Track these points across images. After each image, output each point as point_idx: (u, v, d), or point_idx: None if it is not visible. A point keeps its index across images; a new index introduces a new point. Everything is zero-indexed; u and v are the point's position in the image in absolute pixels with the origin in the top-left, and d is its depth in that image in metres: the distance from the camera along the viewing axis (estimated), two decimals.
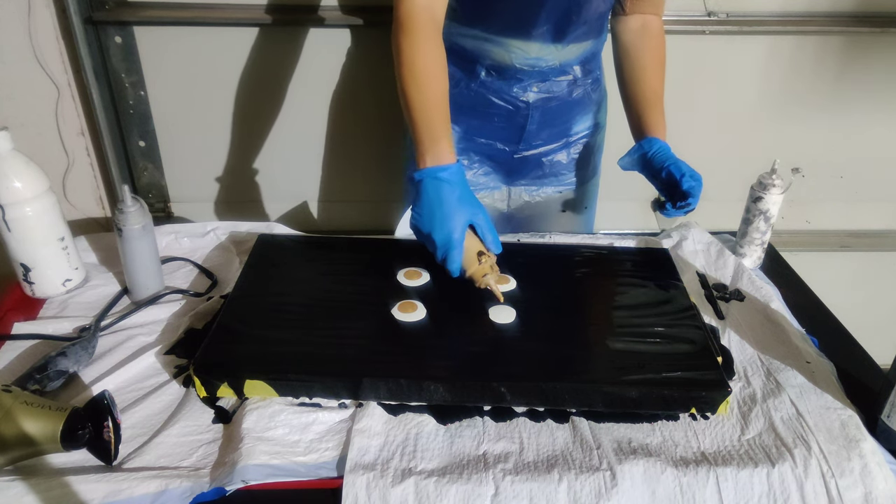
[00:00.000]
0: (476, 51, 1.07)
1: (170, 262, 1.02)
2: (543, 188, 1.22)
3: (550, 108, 1.13)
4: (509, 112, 1.12)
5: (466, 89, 1.11)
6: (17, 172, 0.86)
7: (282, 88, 1.48)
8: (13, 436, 0.65)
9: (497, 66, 1.07)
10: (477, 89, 1.10)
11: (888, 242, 1.78)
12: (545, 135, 1.16)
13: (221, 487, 0.67)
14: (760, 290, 1.00)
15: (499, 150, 1.17)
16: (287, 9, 1.39)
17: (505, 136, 1.16)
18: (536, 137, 1.16)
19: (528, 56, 1.05)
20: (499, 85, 1.10)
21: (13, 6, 1.33)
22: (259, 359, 0.78)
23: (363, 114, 1.53)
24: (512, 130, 1.14)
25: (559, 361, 0.79)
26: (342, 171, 1.61)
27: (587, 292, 0.95)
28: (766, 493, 0.69)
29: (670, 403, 0.77)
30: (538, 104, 1.11)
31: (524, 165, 1.19)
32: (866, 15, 1.45)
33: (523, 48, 1.05)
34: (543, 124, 1.14)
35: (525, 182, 1.22)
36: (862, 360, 0.92)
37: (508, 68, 1.07)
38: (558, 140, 1.18)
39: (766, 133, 1.60)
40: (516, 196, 1.24)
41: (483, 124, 1.14)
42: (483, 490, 0.67)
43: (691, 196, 0.96)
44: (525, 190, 1.23)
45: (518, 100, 1.10)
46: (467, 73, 1.10)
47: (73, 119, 1.48)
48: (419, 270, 0.94)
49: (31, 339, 0.86)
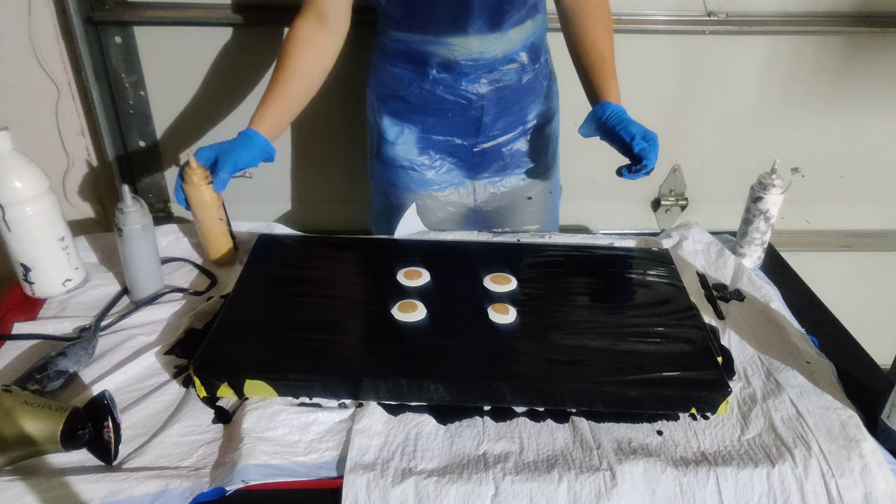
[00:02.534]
0: (422, 52, 1.08)
1: (170, 262, 1.02)
2: (507, 178, 1.23)
3: (503, 98, 1.13)
4: (462, 106, 1.13)
5: (419, 89, 1.12)
6: (17, 172, 0.86)
7: None
8: (13, 436, 0.65)
9: (444, 63, 1.08)
10: (429, 88, 1.11)
11: (888, 242, 1.77)
12: (501, 124, 1.17)
13: (221, 487, 0.67)
14: (760, 291, 1.00)
15: (458, 145, 1.18)
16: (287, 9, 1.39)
17: (462, 131, 1.16)
18: (493, 128, 1.16)
19: (472, 51, 1.06)
20: (449, 81, 1.10)
21: (13, 6, 1.33)
22: (259, 359, 0.78)
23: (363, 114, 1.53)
24: (468, 124, 1.15)
25: (559, 361, 0.79)
26: (342, 171, 1.61)
27: (587, 292, 0.94)
28: (766, 493, 0.69)
29: (670, 403, 0.77)
30: (490, 95, 1.12)
31: (485, 158, 1.20)
32: (866, 15, 1.45)
33: (464, 44, 1.06)
34: (498, 114, 1.15)
35: (488, 175, 1.22)
36: (862, 360, 0.92)
37: (455, 65, 1.08)
38: (515, 129, 1.18)
39: (766, 133, 1.60)
40: (481, 189, 1.24)
41: (439, 121, 1.15)
42: (483, 490, 0.67)
43: (644, 158, 0.96)
44: (489, 182, 1.23)
45: (470, 93, 1.11)
46: (418, 74, 1.11)
47: (73, 119, 1.47)
48: (419, 270, 0.94)
49: (31, 339, 0.86)
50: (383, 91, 1.16)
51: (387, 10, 1.05)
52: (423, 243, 1.06)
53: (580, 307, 0.91)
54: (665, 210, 1.70)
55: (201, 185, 0.96)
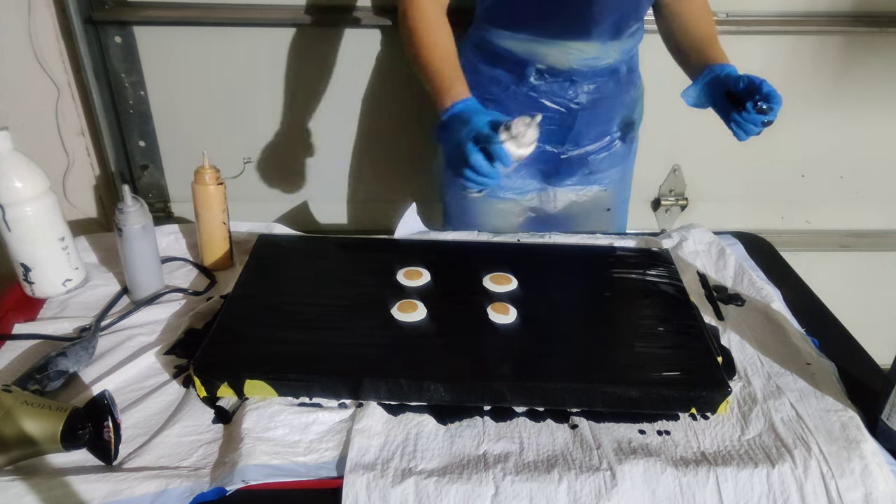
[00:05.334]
0: (526, 54, 1.06)
1: (170, 262, 1.02)
2: (589, 186, 1.22)
3: (598, 107, 1.12)
4: (561, 115, 1.11)
5: (515, 93, 1.10)
6: (17, 172, 0.86)
7: (281, 88, 1.48)
8: (13, 436, 0.65)
9: (551, 68, 1.06)
10: (526, 93, 1.09)
11: (888, 242, 1.77)
12: (592, 134, 1.16)
13: (221, 487, 0.67)
14: (761, 291, 1.00)
15: (546, 152, 1.16)
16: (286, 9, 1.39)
17: (553, 139, 1.15)
18: (583, 137, 1.15)
19: (587, 56, 1.05)
20: (550, 87, 1.09)
21: (13, 6, 1.33)
22: (259, 359, 0.78)
23: (363, 114, 1.53)
24: (561, 132, 1.14)
25: (559, 361, 0.79)
26: (342, 171, 1.61)
27: (587, 292, 0.95)
28: (766, 494, 0.69)
29: (670, 403, 0.77)
30: (588, 105, 1.11)
31: (570, 165, 1.19)
32: (866, 15, 1.45)
33: (582, 49, 1.04)
34: (590, 124, 1.14)
35: (571, 182, 1.21)
36: (862, 360, 0.91)
37: (564, 71, 1.06)
38: (602, 138, 1.18)
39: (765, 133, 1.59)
40: (563, 196, 1.23)
41: None
42: (483, 490, 0.67)
43: (773, 99, 0.92)
44: (571, 189, 1.22)
45: (571, 102, 1.10)
46: (516, 77, 1.09)
47: (73, 119, 1.48)
48: (419, 270, 0.94)
49: (31, 339, 0.86)
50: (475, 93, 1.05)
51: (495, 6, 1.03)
52: (423, 243, 1.06)
53: (580, 307, 0.91)
54: (665, 210, 1.70)
55: (210, 186, 0.96)
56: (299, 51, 1.44)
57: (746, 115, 0.93)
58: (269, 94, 1.49)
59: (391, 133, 1.53)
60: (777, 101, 0.92)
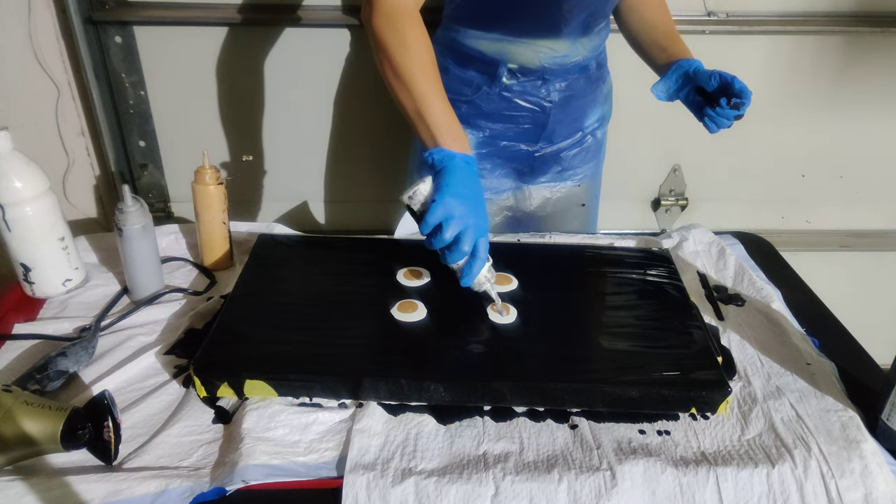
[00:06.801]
0: (497, 54, 1.05)
1: (170, 261, 1.02)
2: (563, 183, 1.23)
3: (569, 104, 1.13)
4: (534, 113, 1.12)
5: (487, 94, 1.10)
6: (17, 172, 0.86)
7: (281, 88, 1.48)
8: (13, 436, 0.65)
9: (522, 68, 1.06)
10: (499, 93, 1.09)
11: (888, 242, 1.78)
12: (565, 131, 1.16)
13: (221, 487, 0.67)
14: (761, 291, 1.00)
15: (521, 150, 1.17)
16: (286, 9, 1.39)
17: (527, 137, 1.15)
18: (556, 135, 1.16)
19: (557, 54, 1.05)
20: (523, 87, 1.09)
21: (13, 6, 1.33)
22: (259, 359, 0.78)
23: (363, 114, 1.53)
24: (535, 130, 1.14)
25: (559, 361, 0.79)
26: (342, 171, 1.61)
27: (587, 292, 0.95)
28: (766, 494, 0.69)
29: (670, 403, 0.77)
30: (560, 103, 1.11)
31: (544, 163, 1.19)
32: (866, 15, 1.46)
33: (553, 47, 1.04)
34: (563, 121, 1.14)
35: (545, 179, 1.22)
36: (862, 360, 0.91)
37: (536, 69, 1.06)
38: (574, 135, 1.18)
39: (766, 133, 1.60)
40: (538, 194, 1.23)
41: (506, 128, 1.14)
42: (483, 490, 0.67)
43: (744, 95, 0.94)
44: (546, 187, 1.23)
45: (544, 100, 1.10)
46: (488, 78, 1.08)
47: (73, 119, 1.48)
48: (419, 270, 0.94)
49: (31, 339, 0.86)
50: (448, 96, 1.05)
51: (465, 6, 1.02)
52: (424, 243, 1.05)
53: (580, 307, 0.91)
54: (665, 210, 1.70)
55: (210, 185, 0.96)
56: (299, 50, 1.44)
57: (720, 111, 0.96)
58: (270, 94, 1.49)
59: (391, 133, 1.52)
60: (748, 98, 0.95)
